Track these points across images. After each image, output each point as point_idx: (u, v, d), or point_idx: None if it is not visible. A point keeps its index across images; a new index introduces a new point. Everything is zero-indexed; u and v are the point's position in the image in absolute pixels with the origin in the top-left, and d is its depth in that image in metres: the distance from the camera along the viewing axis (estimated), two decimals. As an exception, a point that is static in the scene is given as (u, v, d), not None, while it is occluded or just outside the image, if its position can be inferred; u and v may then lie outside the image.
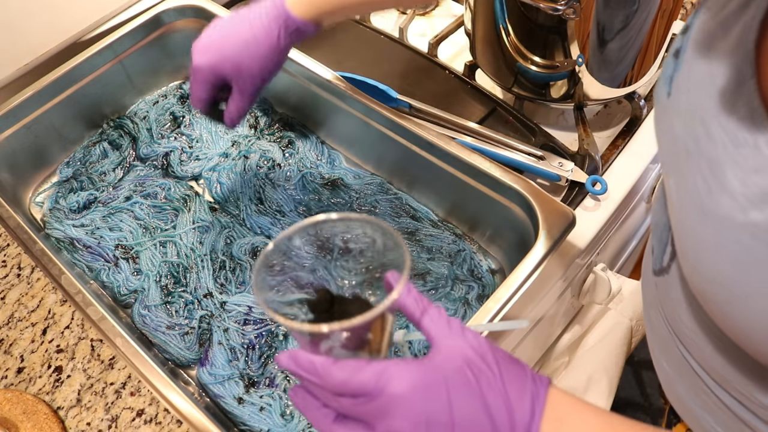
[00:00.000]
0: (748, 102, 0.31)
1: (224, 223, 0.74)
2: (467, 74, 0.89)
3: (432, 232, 0.72)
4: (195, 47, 0.61)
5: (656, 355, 0.54)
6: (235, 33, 0.59)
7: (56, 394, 0.63)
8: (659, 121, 0.42)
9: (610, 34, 0.69)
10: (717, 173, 0.32)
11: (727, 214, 0.31)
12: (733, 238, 0.31)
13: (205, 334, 0.66)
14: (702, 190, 0.34)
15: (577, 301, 0.88)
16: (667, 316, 0.48)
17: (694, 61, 0.37)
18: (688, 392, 0.48)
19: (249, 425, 0.60)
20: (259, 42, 0.58)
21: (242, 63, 0.59)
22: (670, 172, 0.39)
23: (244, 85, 0.61)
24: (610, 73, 0.75)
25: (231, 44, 0.59)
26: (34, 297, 0.70)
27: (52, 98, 0.78)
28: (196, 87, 0.61)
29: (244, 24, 0.59)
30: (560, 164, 0.74)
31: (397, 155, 0.74)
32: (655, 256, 0.49)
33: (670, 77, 0.40)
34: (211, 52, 0.59)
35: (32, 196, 0.80)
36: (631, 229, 0.97)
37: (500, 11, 0.73)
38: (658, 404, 0.82)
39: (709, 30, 0.36)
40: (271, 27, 0.58)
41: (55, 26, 0.88)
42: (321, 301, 0.43)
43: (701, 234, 0.34)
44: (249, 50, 0.58)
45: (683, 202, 0.36)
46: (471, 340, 0.38)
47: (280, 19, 0.58)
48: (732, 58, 0.33)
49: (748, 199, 0.30)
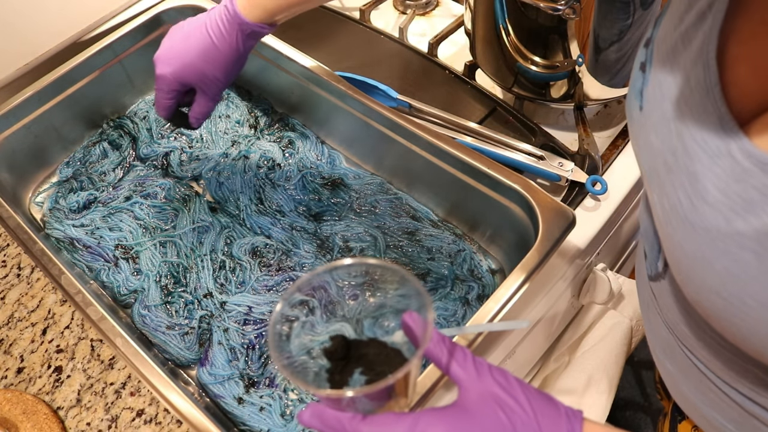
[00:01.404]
0: (716, 110, 0.31)
1: (224, 223, 0.74)
2: (467, 74, 0.89)
3: (432, 232, 0.72)
4: (157, 57, 0.62)
5: (659, 356, 0.54)
6: (194, 41, 0.60)
7: (56, 394, 0.63)
8: (636, 137, 0.42)
9: (610, 34, 0.69)
10: (697, 186, 0.32)
11: (713, 225, 0.31)
12: (721, 249, 0.31)
13: (205, 334, 0.66)
14: (685, 204, 0.34)
15: (577, 301, 0.88)
16: (667, 320, 0.48)
17: (661, 74, 0.37)
18: (694, 391, 0.48)
19: (249, 425, 0.60)
20: (219, 49, 0.60)
21: (205, 70, 0.61)
22: (652, 187, 0.39)
23: (208, 90, 0.63)
24: (616, 74, 0.75)
25: (193, 53, 0.60)
26: (34, 297, 0.70)
27: (52, 98, 0.78)
28: (161, 96, 0.63)
29: (202, 32, 0.60)
30: (560, 164, 0.74)
31: (397, 155, 0.74)
32: (648, 262, 0.49)
33: (640, 91, 0.40)
34: (174, 62, 0.61)
35: (32, 196, 0.80)
36: (631, 229, 0.97)
37: (500, 11, 0.73)
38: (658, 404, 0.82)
39: (670, 42, 0.36)
40: (229, 33, 0.59)
41: (55, 26, 0.88)
42: (337, 348, 0.42)
43: (690, 247, 0.34)
44: (210, 57, 0.60)
45: (668, 216, 0.36)
46: (500, 380, 0.37)
47: (235, 24, 0.59)
48: (695, 68, 0.33)
49: (731, 209, 0.30)
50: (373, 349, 0.42)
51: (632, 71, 0.43)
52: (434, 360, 0.39)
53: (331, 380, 0.41)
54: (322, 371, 0.42)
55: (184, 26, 0.63)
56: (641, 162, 0.42)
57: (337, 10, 1.01)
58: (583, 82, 0.76)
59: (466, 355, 0.39)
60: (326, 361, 0.42)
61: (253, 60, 0.84)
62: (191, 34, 0.61)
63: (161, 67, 0.62)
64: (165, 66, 0.61)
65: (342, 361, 0.42)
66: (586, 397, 0.79)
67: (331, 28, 0.98)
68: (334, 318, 0.45)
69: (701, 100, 0.33)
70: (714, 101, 0.32)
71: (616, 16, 0.66)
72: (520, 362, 0.83)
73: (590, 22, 0.67)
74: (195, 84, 0.62)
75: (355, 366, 0.42)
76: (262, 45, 0.80)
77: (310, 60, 0.77)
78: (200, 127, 0.71)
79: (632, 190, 0.78)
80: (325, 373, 0.42)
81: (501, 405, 0.36)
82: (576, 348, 0.86)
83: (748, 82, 0.32)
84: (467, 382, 0.37)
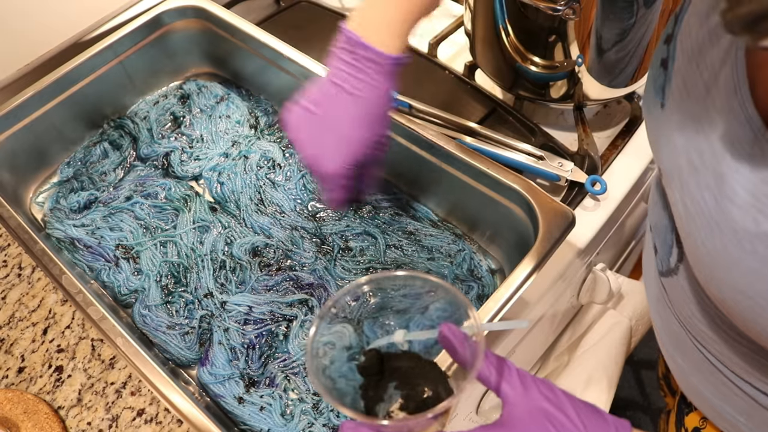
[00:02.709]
0: (744, 110, 0.31)
1: (224, 223, 0.74)
2: (467, 74, 0.89)
3: (432, 232, 0.72)
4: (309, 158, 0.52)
5: (669, 351, 0.53)
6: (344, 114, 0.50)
7: (57, 393, 0.63)
8: (655, 134, 0.42)
9: (610, 34, 0.69)
10: (724, 187, 0.32)
11: (740, 226, 0.31)
12: (748, 249, 0.31)
13: (205, 334, 0.66)
14: (711, 204, 0.33)
15: (576, 301, 0.88)
16: (679, 315, 0.47)
17: (686, 71, 0.37)
18: (706, 384, 0.48)
19: (249, 425, 0.60)
20: (374, 103, 0.50)
21: (369, 139, 0.51)
22: (672, 184, 0.39)
23: (376, 154, 0.54)
24: (610, 73, 0.75)
25: (348, 129, 0.50)
26: (35, 297, 0.70)
27: (53, 98, 0.78)
28: (336, 193, 0.53)
29: (343, 96, 0.50)
30: (560, 164, 0.74)
31: (397, 155, 0.74)
32: (659, 257, 0.49)
33: (662, 87, 0.40)
34: (334, 153, 0.50)
35: (33, 196, 0.80)
36: (630, 229, 0.97)
37: (500, 11, 0.73)
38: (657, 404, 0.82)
39: (697, 39, 0.36)
40: (380, 81, 0.50)
41: (56, 27, 0.88)
42: (371, 363, 0.40)
43: (714, 246, 0.34)
44: (369, 120, 0.50)
45: (691, 215, 0.36)
46: (547, 394, 0.37)
47: (386, 67, 0.49)
48: (724, 67, 0.33)
49: (759, 210, 0.30)
50: (407, 362, 0.40)
51: (651, 68, 0.43)
52: (483, 380, 0.38)
53: (365, 397, 0.40)
54: (356, 387, 0.40)
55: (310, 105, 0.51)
56: (660, 159, 0.41)
57: (337, 11, 1.01)
58: (582, 83, 0.76)
59: (511, 369, 0.38)
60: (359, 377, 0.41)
61: (253, 60, 0.84)
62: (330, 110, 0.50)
63: (325, 166, 0.51)
64: (328, 164, 0.51)
65: (376, 376, 0.40)
66: (585, 397, 0.79)
67: (331, 29, 0.98)
68: (336, 319, 0.44)
69: (728, 100, 0.32)
70: (742, 101, 0.32)
71: (619, 15, 0.66)
72: (520, 362, 0.83)
73: (590, 22, 0.67)
74: (363, 158, 0.52)
75: (389, 380, 0.40)
76: (262, 45, 0.80)
77: (310, 60, 0.77)
78: None
79: (632, 190, 0.78)
80: (359, 389, 0.40)
81: (551, 420, 0.35)
82: (576, 348, 0.87)
83: None
84: (514, 398, 0.37)
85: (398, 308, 0.44)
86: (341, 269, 0.70)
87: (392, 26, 0.50)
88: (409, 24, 0.51)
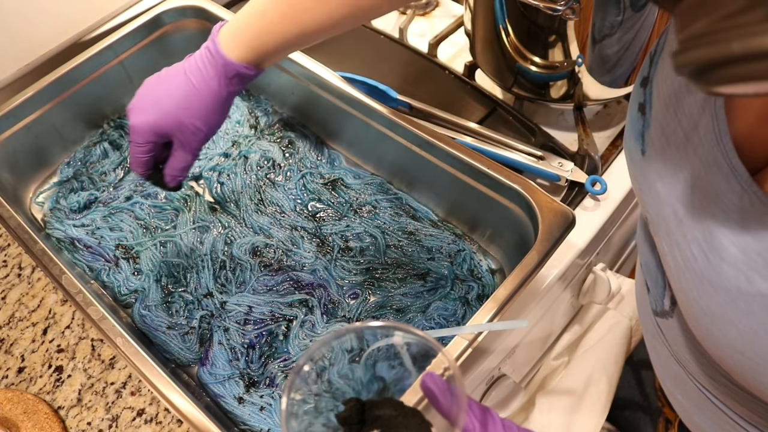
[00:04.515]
0: (727, 161, 0.30)
1: (224, 223, 0.74)
2: (467, 74, 0.89)
3: (432, 232, 0.72)
4: (131, 106, 0.56)
5: (668, 388, 0.51)
6: (172, 86, 0.54)
7: (57, 393, 0.63)
8: (638, 181, 0.40)
9: (610, 34, 0.69)
10: (713, 243, 0.30)
11: (733, 285, 0.29)
12: (744, 309, 0.29)
13: (205, 334, 0.66)
14: (700, 259, 0.31)
15: (576, 301, 0.88)
16: (678, 356, 0.45)
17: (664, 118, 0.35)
18: (709, 422, 0.46)
19: (249, 425, 0.60)
20: (198, 93, 0.53)
21: (183, 118, 0.54)
22: (659, 234, 0.37)
23: (186, 141, 0.56)
24: (610, 73, 0.75)
25: (169, 99, 0.54)
26: (35, 297, 0.70)
27: (53, 98, 0.78)
28: (136, 149, 0.56)
29: (180, 75, 0.54)
30: (560, 164, 0.74)
31: (397, 155, 0.74)
32: (652, 297, 0.46)
33: (641, 133, 0.38)
34: (149, 110, 0.54)
35: (33, 196, 0.80)
36: (630, 229, 0.97)
37: (500, 11, 0.73)
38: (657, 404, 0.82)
39: (673, 85, 0.34)
40: (210, 75, 0.53)
41: (56, 27, 0.88)
42: (351, 413, 0.40)
43: (708, 304, 0.32)
44: (189, 103, 0.53)
45: (682, 271, 0.34)
46: None
47: (217, 65, 0.53)
48: (703, 116, 0.32)
49: (750, 268, 0.28)
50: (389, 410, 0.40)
51: (629, 111, 0.41)
52: None
53: None
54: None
55: (162, 73, 0.56)
56: (645, 207, 0.39)
57: (337, 11, 1.01)
58: (582, 83, 0.76)
59: (495, 421, 0.37)
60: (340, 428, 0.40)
61: (253, 60, 0.84)
62: (168, 80, 0.55)
63: (134, 117, 0.55)
64: (138, 115, 0.55)
65: (357, 425, 0.40)
66: (585, 397, 0.79)
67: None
68: (334, 319, 0.44)
69: (711, 150, 0.31)
70: (724, 152, 0.30)
71: (609, 9, 0.66)
72: (520, 362, 0.83)
73: (590, 22, 0.67)
74: (172, 134, 0.55)
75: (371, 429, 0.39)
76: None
77: (310, 60, 0.77)
78: (179, 189, 0.63)
79: (632, 190, 0.78)
80: None
81: None
82: (576, 348, 0.87)
83: (757, 130, 0.30)
84: None
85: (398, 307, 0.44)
86: (341, 269, 0.70)
87: (241, 36, 0.52)
88: (261, 42, 0.52)
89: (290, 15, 0.51)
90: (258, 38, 0.52)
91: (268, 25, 0.52)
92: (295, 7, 0.51)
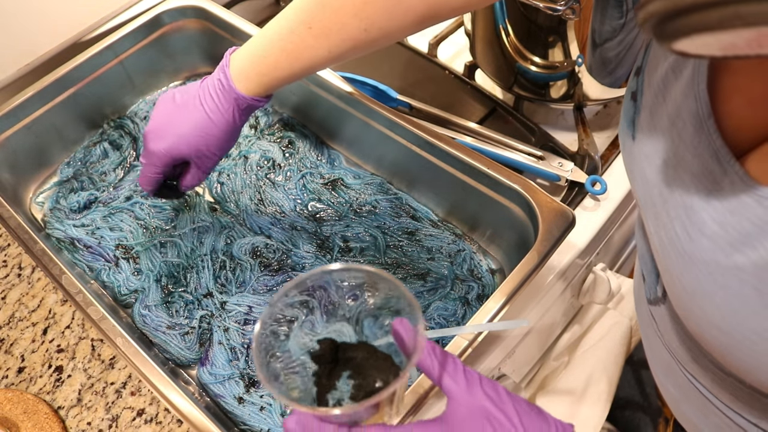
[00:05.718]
0: (711, 143, 0.31)
1: (224, 223, 0.74)
2: (467, 74, 0.89)
3: (432, 232, 0.72)
4: (149, 131, 0.60)
5: (660, 379, 0.53)
6: (188, 115, 0.58)
7: (57, 393, 0.63)
8: (629, 166, 0.41)
9: (610, 34, 0.69)
10: (694, 218, 0.32)
11: (711, 259, 0.31)
12: (721, 283, 0.30)
13: (205, 334, 0.66)
14: (682, 237, 0.33)
15: (576, 301, 0.88)
16: (669, 345, 0.46)
17: (652, 104, 0.36)
18: (697, 413, 0.47)
19: (249, 425, 0.60)
20: (214, 123, 0.58)
21: (200, 145, 0.59)
22: (648, 216, 0.38)
23: (202, 164, 0.61)
24: (610, 73, 0.75)
25: (187, 128, 0.58)
26: (35, 297, 0.70)
27: (53, 98, 0.78)
28: (151, 170, 0.61)
29: (196, 105, 0.58)
30: (560, 164, 0.75)
31: (397, 155, 0.74)
32: (647, 285, 0.48)
33: (632, 120, 0.39)
34: (167, 138, 0.59)
35: (33, 196, 0.80)
36: (630, 229, 0.97)
37: (500, 11, 0.73)
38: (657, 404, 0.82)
39: (661, 72, 0.36)
40: (225, 107, 0.57)
41: (56, 27, 0.88)
42: (325, 352, 0.42)
43: (688, 280, 0.33)
44: (206, 132, 0.58)
45: (665, 248, 0.35)
46: (490, 393, 0.37)
47: (230, 99, 0.57)
48: (687, 100, 0.33)
49: (728, 243, 0.29)
50: (362, 353, 0.42)
51: (624, 100, 0.42)
52: (425, 371, 0.39)
53: (318, 384, 0.41)
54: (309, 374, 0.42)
55: (176, 97, 0.60)
56: (636, 189, 0.41)
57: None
58: (582, 83, 0.76)
59: (456, 365, 0.38)
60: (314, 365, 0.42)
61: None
62: (185, 108, 0.58)
63: (153, 143, 0.59)
64: (157, 142, 0.59)
65: (330, 365, 0.42)
66: (585, 397, 0.79)
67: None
68: (334, 318, 0.45)
69: (695, 133, 0.32)
70: (708, 134, 0.31)
71: (610, 13, 0.66)
72: (520, 362, 0.83)
73: (590, 22, 0.67)
74: (189, 157, 0.60)
75: (343, 369, 0.41)
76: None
77: (310, 60, 0.77)
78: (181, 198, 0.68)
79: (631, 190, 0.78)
80: (312, 376, 0.41)
81: (490, 419, 0.36)
82: (576, 348, 0.87)
83: (744, 113, 0.31)
84: (457, 394, 0.37)
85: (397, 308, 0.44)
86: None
87: (250, 72, 0.56)
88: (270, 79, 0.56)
89: (294, 53, 0.54)
90: (266, 75, 0.56)
91: (274, 63, 0.55)
92: (298, 45, 0.54)
